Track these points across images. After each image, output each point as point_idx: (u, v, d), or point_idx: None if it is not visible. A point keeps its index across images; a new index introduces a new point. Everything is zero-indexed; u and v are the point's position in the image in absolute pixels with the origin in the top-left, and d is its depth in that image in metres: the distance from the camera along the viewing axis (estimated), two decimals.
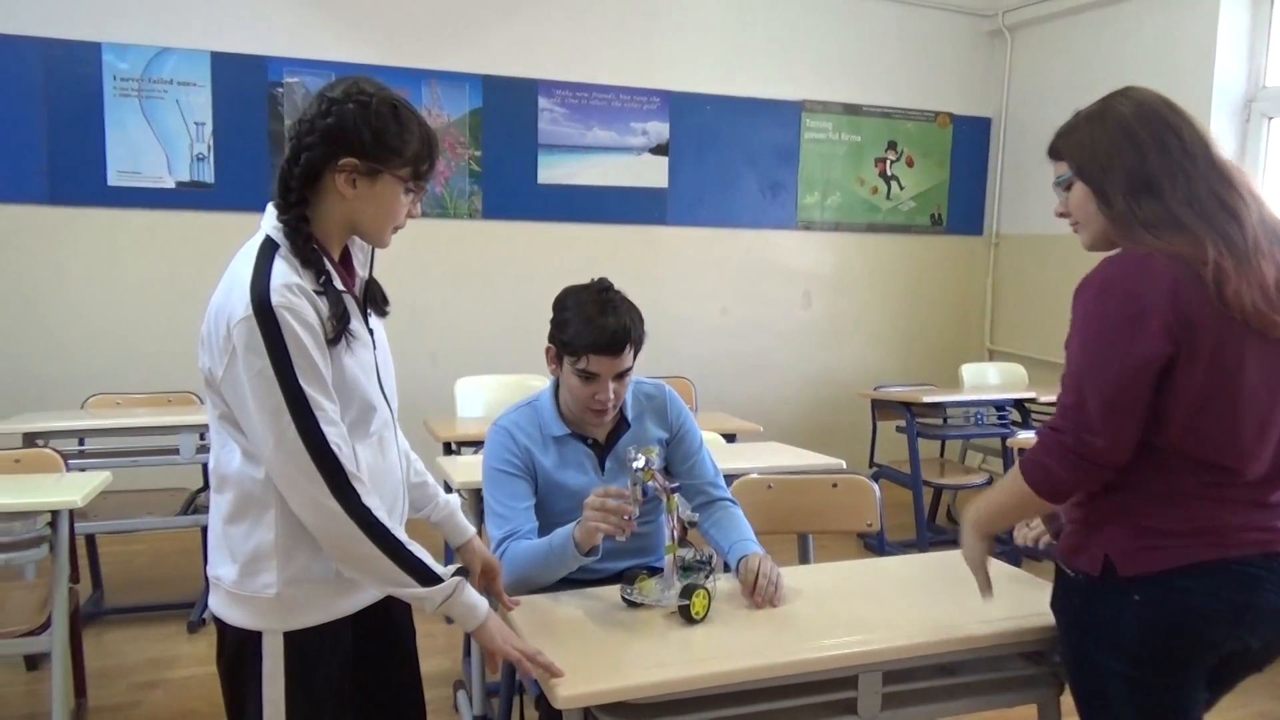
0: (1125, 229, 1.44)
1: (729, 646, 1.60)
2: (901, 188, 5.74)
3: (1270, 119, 4.49)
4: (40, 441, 3.13)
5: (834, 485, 2.45)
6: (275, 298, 1.32)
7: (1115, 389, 1.39)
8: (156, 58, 4.33)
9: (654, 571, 1.80)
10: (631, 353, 1.91)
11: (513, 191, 4.93)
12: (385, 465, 1.53)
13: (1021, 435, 3.97)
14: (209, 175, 4.44)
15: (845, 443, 4.33)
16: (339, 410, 1.39)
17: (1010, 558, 2.05)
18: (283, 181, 1.41)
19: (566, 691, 1.42)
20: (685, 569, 1.74)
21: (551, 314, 1.96)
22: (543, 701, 1.69)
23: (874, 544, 4.02)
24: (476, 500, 2.52)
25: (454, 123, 4.79)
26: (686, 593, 1.66)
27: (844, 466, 2.83)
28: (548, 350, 1.97)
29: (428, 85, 4.71)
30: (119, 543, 4.12)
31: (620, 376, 1.91)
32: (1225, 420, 1.40)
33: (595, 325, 1.86)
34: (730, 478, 2.27)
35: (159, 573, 3.97)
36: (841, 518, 2.44)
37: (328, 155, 1.39)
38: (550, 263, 4.83)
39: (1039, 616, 1.75)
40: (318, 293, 1.38)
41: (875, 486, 2.43)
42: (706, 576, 1.73)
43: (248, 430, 1.37)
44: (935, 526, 4.65)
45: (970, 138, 5.84)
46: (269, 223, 1.42)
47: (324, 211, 1.43)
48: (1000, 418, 4.41)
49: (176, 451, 3.42)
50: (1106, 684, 1.49)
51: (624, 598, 1.74)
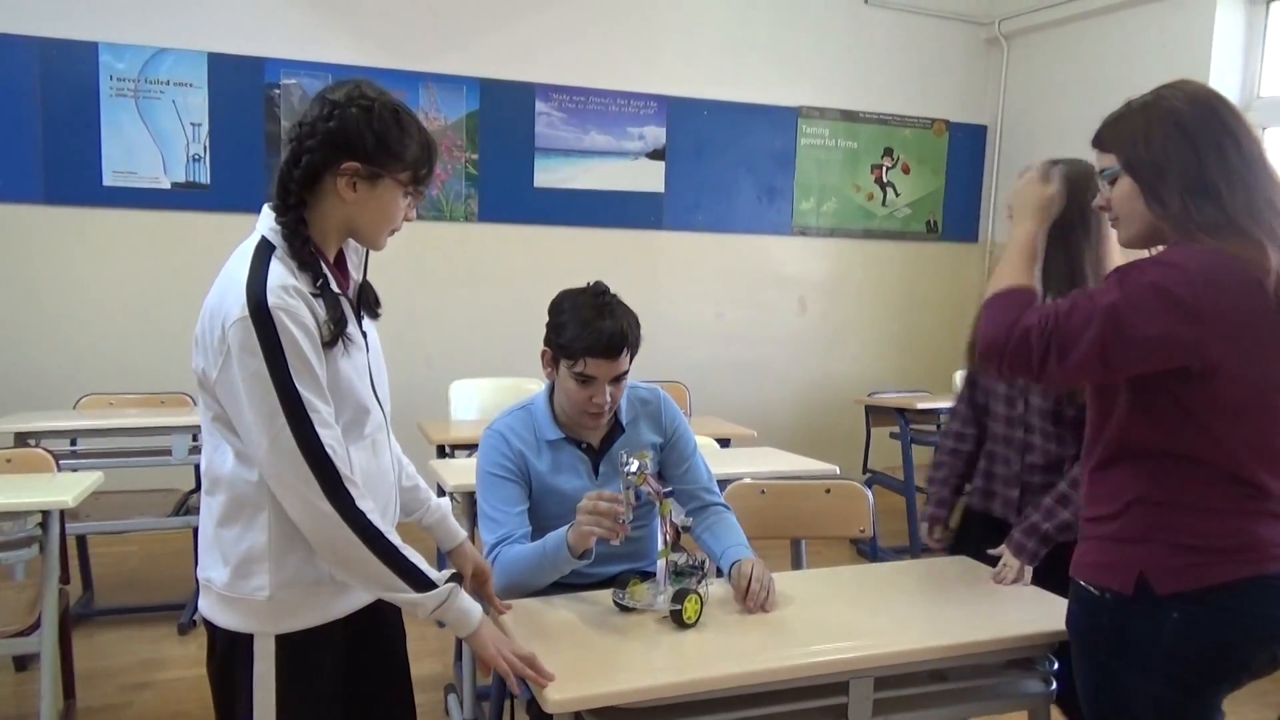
0: (1182, 230, 1.40)
1: (720, 651, 1.60)
2: (897, 194, 5.76)
3: (1265, 128, 4.52)
4: (32, 441, 3.12)
5: (827, 491, 2.45)
6: (272, 299, 1.32)
7: (1122, 342, 1.34)
8: (153, 58, 4.32)
9: (646, 576, 1.80)
10: (628, 356, 1.91)
11: (509, 195, 4.93)
12: (378, 468, 1.53)
13: None
14: (205, 176, 4.44)
15: (839, 449, 4.33)
16: (334, 413, 1.39)
17: None
18: (282, 183, 1.41)
19: (557, 695, 1.41)
20: (678, 574, 1.74)
21: (547, 318, 1.96)
22: (533, 706, 1.68)
23: (867, 550, 4.03)
24: (470, 503, 2.52)
25: (451, 126, 4.79)
26: (679, 597, 1.66)
27: (838, 472, 2.84)
28: (543, 354, 1.97)
29: (425, 88, 4.71)
30: (110, 543, 4.11)
31: (617, 380, 1.92)
32: (1263, 432, 1.39)
33: (592, 329, 1.86)
34: (724, 483, 2.27)
35: (150, 574, 3.96)
36: (835, 523, 2.45)
37: (329, 158, 1.39)
38: (546, 266, 4.83)
39: (1030, 623, 1.76)
40: (314, 295, 1.38)
41: (869, 492, 2.44)
42: (699, 581, 1.73)
43: (242, 432, 1.37)
44: None
45: (966, 145, 5.86)
46: (265, 224, 1.42)
47: (322, 214, 1.43)
48: None
49: (169, 453, 3.41)
50: (1135, 707, 1.45)
51: (616, 602, 1.74)
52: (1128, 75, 4.84)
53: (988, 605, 1.85)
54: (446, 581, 1.44)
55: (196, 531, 1.55)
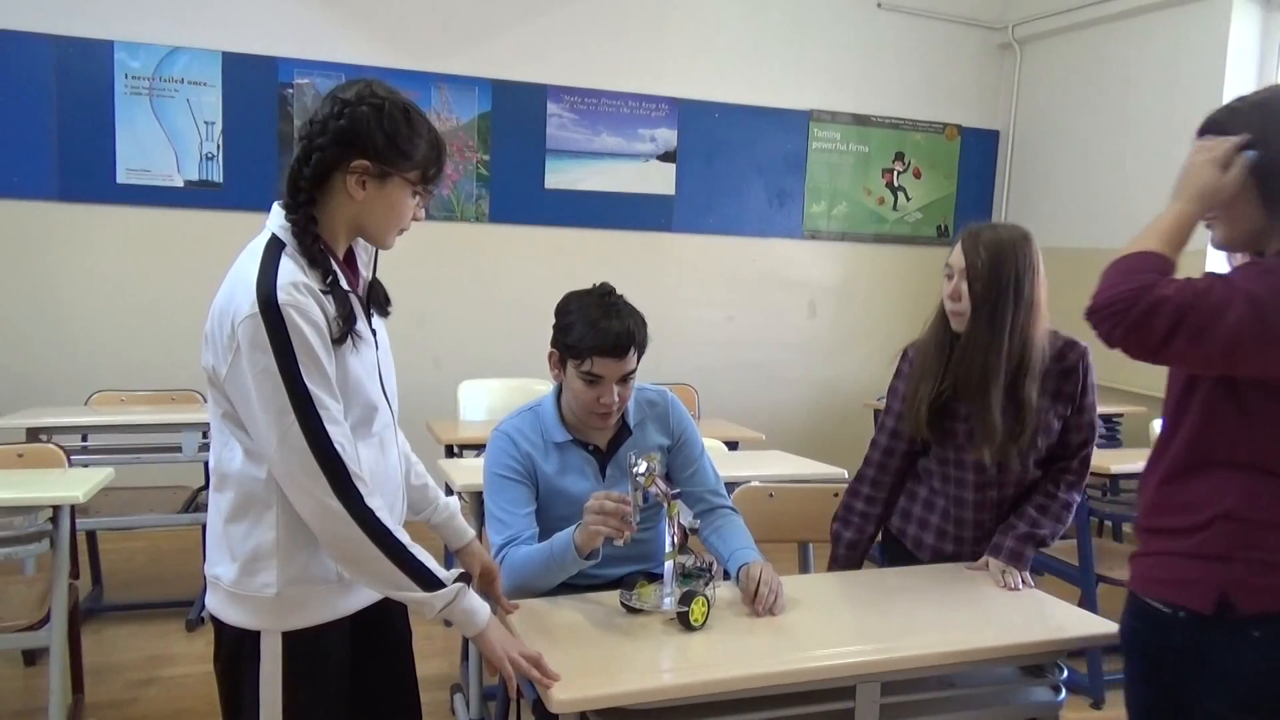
0: None
1: (727, 654, 1.59)
2: (908, 199, 5.74)
3: None
4: (44, 437, 3.14)
5: (835, 495, 2.44)
6: (282, 296, 1.32)
7: (1262, 332, 1.28)
8: (168, 57, 4.34)
9: (654, 577, 1.80)
10: (635, 356, 1.91)
11: (520, 196, 4.93)
12: (386, 466, 1.53)
13: None
14: (218, 175, 4.46)
15: (848, 453, 4.28)
16: (343, 410, 1.39)
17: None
18: (292, 181, 1.41)
19: (562, 695, 1.41)
20: (685, 576, 1.74)
21: (555, 319, 1.96)
22: (539, 706, 1.68)
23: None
24: (477, 503, 2.52)
25: (463, 126, 4.80)
26: (686, 599, 1.66)
27: (846, 476, 2.82)
28: (550, 355, 1.97)
29: (437, 88, 4.73)
30: (119, 539, 4.13)
31: (624, 380, 1.92)
32: None
33: (599, 328, 1.86)
34: (732, 485, 2.27)
35: (159, 570, 3.98)
36: None
37: (339, 156, 1.40)
38: (556, 267, 4.83)
39: (1040, 630, 1.75)
40: (324, 292, 1.38)
41: None
42: (706, 584, 1.72)
43: (251, 429, 1.37)
44: None
45: (978, 150, 5.84)
46: (275, 221, 1.42)
47: (331, 212, 1.43)
48: None
49: (179, 449, 3.42)
50: None
51: (623, 603, 1.73)
52: (1142, 81, 4.83)
53: (997, 611, 1.84)
54: (454, 581, 1.44)
55: (205, 528, 1.56)
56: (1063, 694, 1.79)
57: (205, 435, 3.36)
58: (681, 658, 1.59)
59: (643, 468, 1.68)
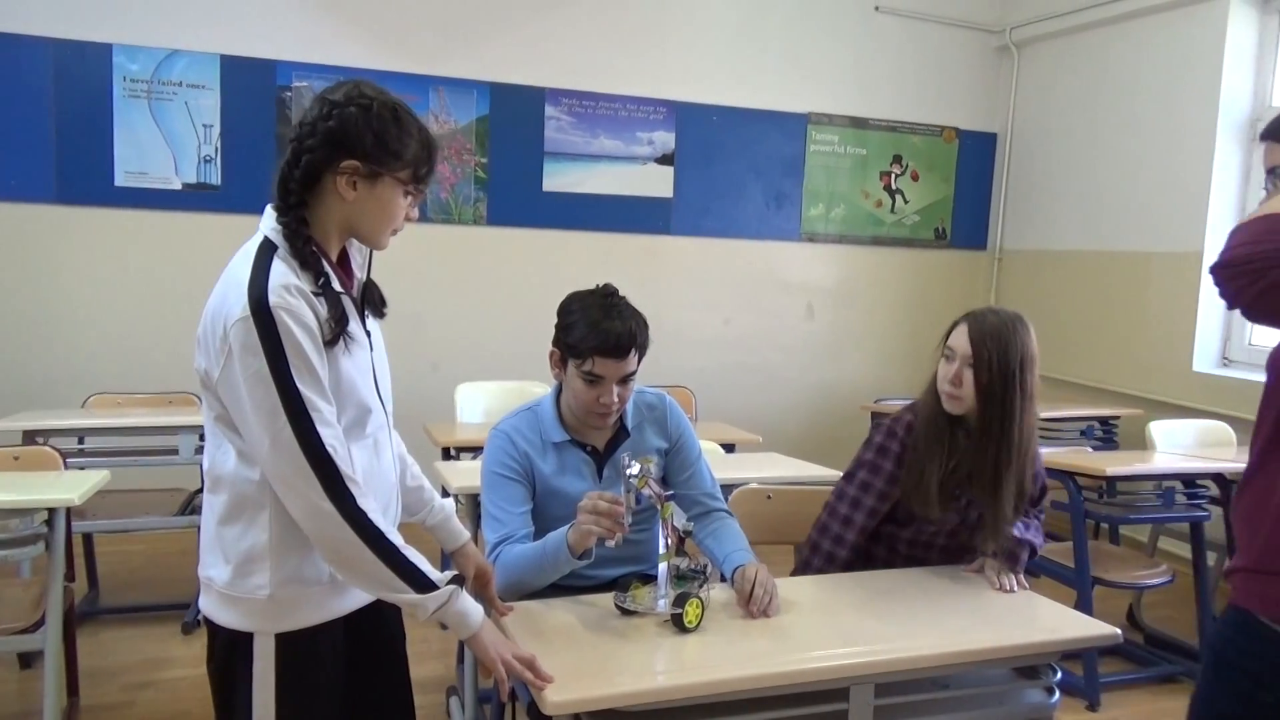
0: None
1: (721, 656, 1.59)
2: (906, 201, 5.75)
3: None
4: (40, 439, 3.14)
5: None
6: (273, 298, 1.32)
7: None
8: (166, 60, 4.35)
9: (648, 579, 1.80)
10: (636, 357, 1.92)
11: (518, 198, 4.94)
12: (380, 467, 1.53)
13: None
14: (216, 177, 4.46)
15: (845, 455, 4.25)
16: (335, 412, 1.39)
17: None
18: (282, 183, 1.42)
19: (556, 697, 1.41)
20: (679, 578, 1.74)
21: (556, 319, 1.96)
22: (533, 708, 1.68)
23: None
24: (474, 506, 2.52)
25: (461, 129, 4.80)
26: (680, 601, 1.66)
27: None
28: (551, 354, 1.98)
29: (435, 91, 4.73)
30: (116, 542, 4.12)
31: (624, 380, 1.92)
32: None
33: (601, 328, 1.87)
34: (729, 488, 2.27)
35: (155, 573, 3.97)
36: None
37: (329, 158, 1.40)
38: (554, 270, 4.84)
39: (1035, 632, 1.75)
40: (316, 294, 1.39)
41: None
42: (700, 586, 1.73)
43: (243, 431, 1.37)
44: None
45: (976, 153, 5.85)
46: (267, 224, 1.42)
47: (323, 213, 1.44)
48: None
49: (175, 452, 3.42)
50: None
51: (617, 605, 1.73)
52: (1139, 84, 4.83)
53: (992, 613, 1.84)
54: (448, 583, 1.44)
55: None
56: (1056, 696, 1.79)
57: (202, 438, 3.34)
58: (675, 660, 1.59)
59: (636, 469, 1.69)
